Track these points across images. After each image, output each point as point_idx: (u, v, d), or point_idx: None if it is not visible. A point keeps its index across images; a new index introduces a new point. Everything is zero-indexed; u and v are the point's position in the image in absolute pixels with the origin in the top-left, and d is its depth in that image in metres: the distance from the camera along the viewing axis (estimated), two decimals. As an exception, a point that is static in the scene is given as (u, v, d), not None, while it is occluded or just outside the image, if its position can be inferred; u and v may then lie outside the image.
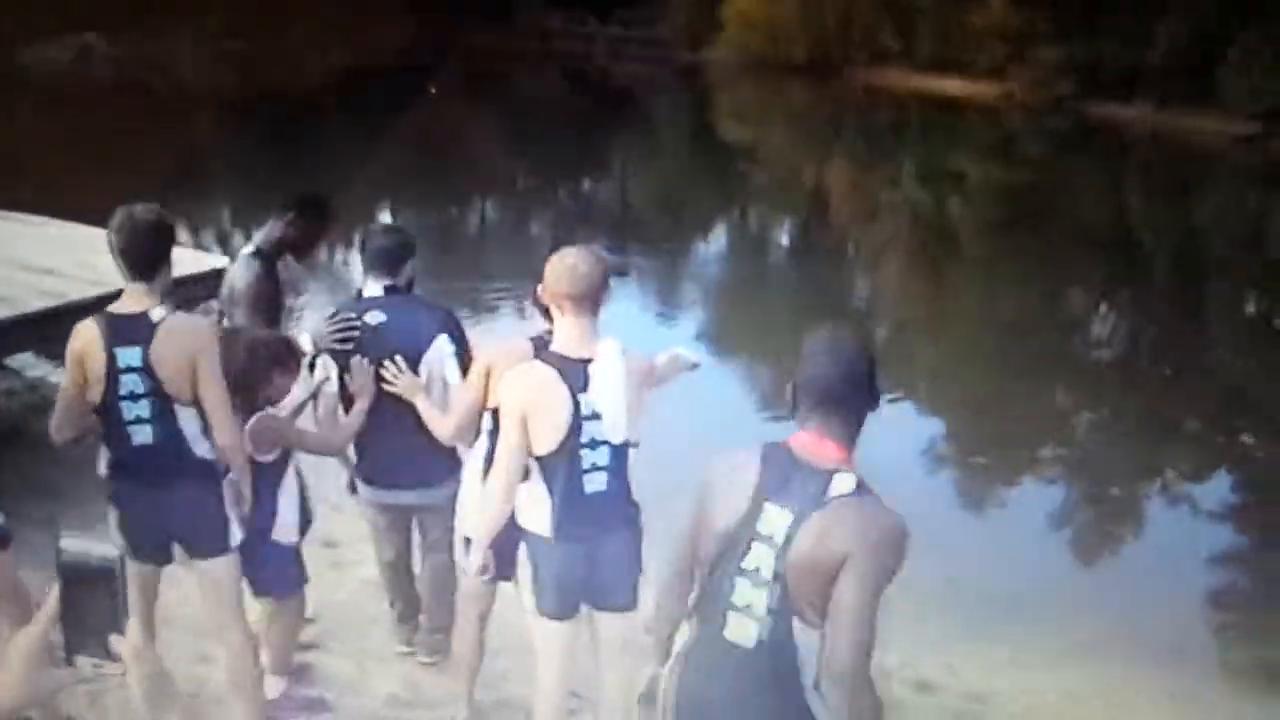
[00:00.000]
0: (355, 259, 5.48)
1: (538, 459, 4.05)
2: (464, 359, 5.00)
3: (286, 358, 4.77)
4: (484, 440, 4.64)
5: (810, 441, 3.07)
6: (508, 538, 4.29)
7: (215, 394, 4.39)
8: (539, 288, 4.40)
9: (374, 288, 5.04)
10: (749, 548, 3.04)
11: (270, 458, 4.77)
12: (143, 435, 4.37)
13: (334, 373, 5.11)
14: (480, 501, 4.40)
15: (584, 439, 4.00)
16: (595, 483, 4.08)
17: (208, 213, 19.73)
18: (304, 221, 5.55)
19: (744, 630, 3.07)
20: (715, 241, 19.34)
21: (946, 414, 10.80)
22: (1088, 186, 24.76)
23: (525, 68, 48.55)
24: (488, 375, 4.50)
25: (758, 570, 3.02)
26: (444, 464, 5.15)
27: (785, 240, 19.83)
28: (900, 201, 22.00)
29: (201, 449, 4.47)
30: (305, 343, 5.00)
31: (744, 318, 14.46)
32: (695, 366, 4.80)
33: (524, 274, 14.82)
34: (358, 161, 21.36)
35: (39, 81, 37.42)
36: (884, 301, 15.64)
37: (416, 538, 5.64)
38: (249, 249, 5.45)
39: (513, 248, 18.05)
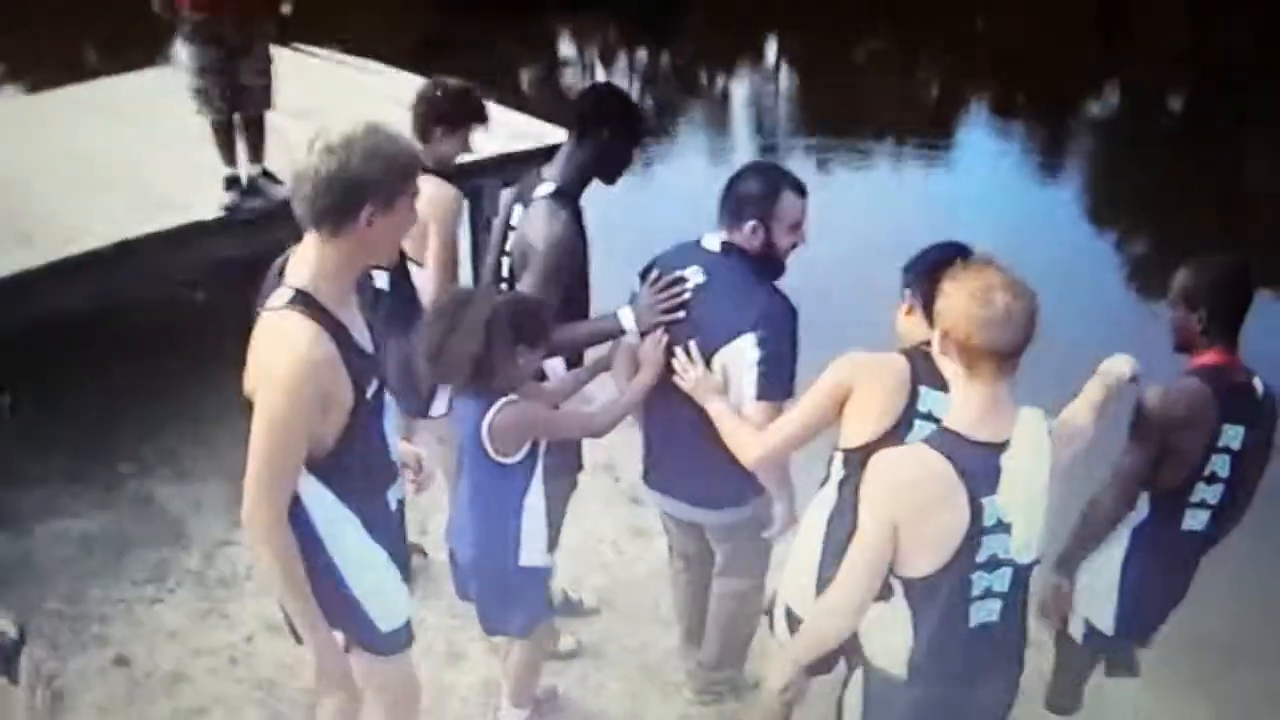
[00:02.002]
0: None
1: (905, 580, 2.96)
2: (779, 373, 3.80)
3: (534, 333, 3.68)
4: (830, 491, 3.58)
5: (1229, 361, 3.72)
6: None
7: (435, 262, 4.64)
8: (908, 303, 3.58)
9: (711, 239, 3.97)
10: (1210, 459, 3.71)
11: (514, 458, 3.74)
12: (382, 281, 4.44)
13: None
14: (814, 603, 3.32)
15: (981, 558, 2.88)
16: (985, 612, 2.97)
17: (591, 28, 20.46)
18: (626, 138, 4.23)
19: (1199, 519, 3.83)
20: (1107, 102, 18.68)
21: None
22: None
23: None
24: (844, 397, 3.45)
25: (1214, 474, 3.75)
26: (744, 484, 4.03)
27: (1181, 104, 19.02)
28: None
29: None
30: (626, 320, 4.03)
31: (1126, 189, 14.00)
32: (1135, 380, 3.71)
33: (907, 120, 15.10)
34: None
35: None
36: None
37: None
38: (546, 188, 4.17)
39: (898, 90, 17.76)
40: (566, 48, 19.26)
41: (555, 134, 7.94)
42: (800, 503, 3.92)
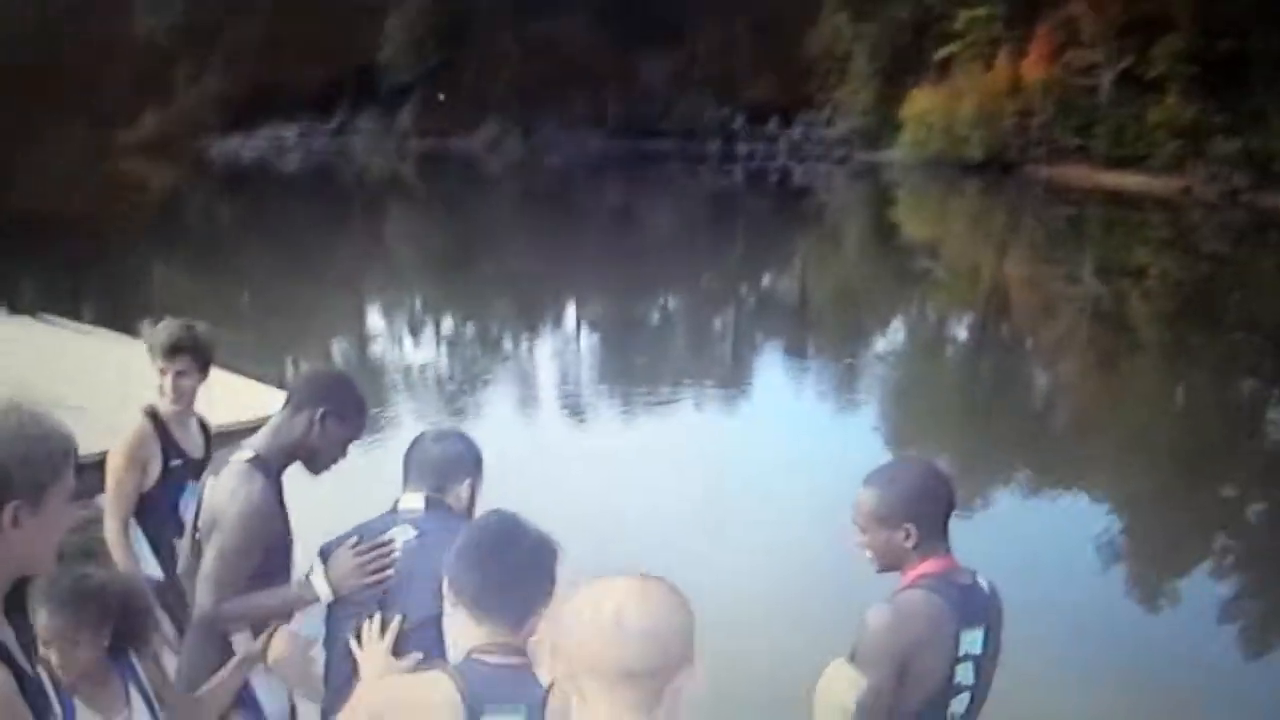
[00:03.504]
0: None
1: None
2: None
3: (134, 614, 3.11)
4: None
5: (950, 565, 3.28)
6: None
7: (107, 502, 4.55)
8: (527, 630, 2.80)
9: (412, 499, 3.62)
10: (954, 671, 3.24)
11: None
12: None
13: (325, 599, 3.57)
14: None
15: None
16: None
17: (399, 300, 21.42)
18: (338, 422, 3.87)
19: None
20: (894, 336, 19.79)
21: (1120, 507, 10.96)
22: (1265, 279, 24.70)
23: (709, 168, 49.96)
24: None
25: (959, 685, 3.25)
26: None
27: (964, 334, 20.26)
28: (1079, 296, 22.27)
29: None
30: (320, 588, 3.55)
31: (922, 410, 14.80)
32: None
33: (705, 368, 15.87)
34: (544, 255, 22.62)
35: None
36: (1061, 394, 15.95)
37: None
38: (243, 454, 3.79)
39: (694, 340, 18.86)
40: (375, 319, 19.74)
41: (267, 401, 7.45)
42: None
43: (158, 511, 4.63)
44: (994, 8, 50.99)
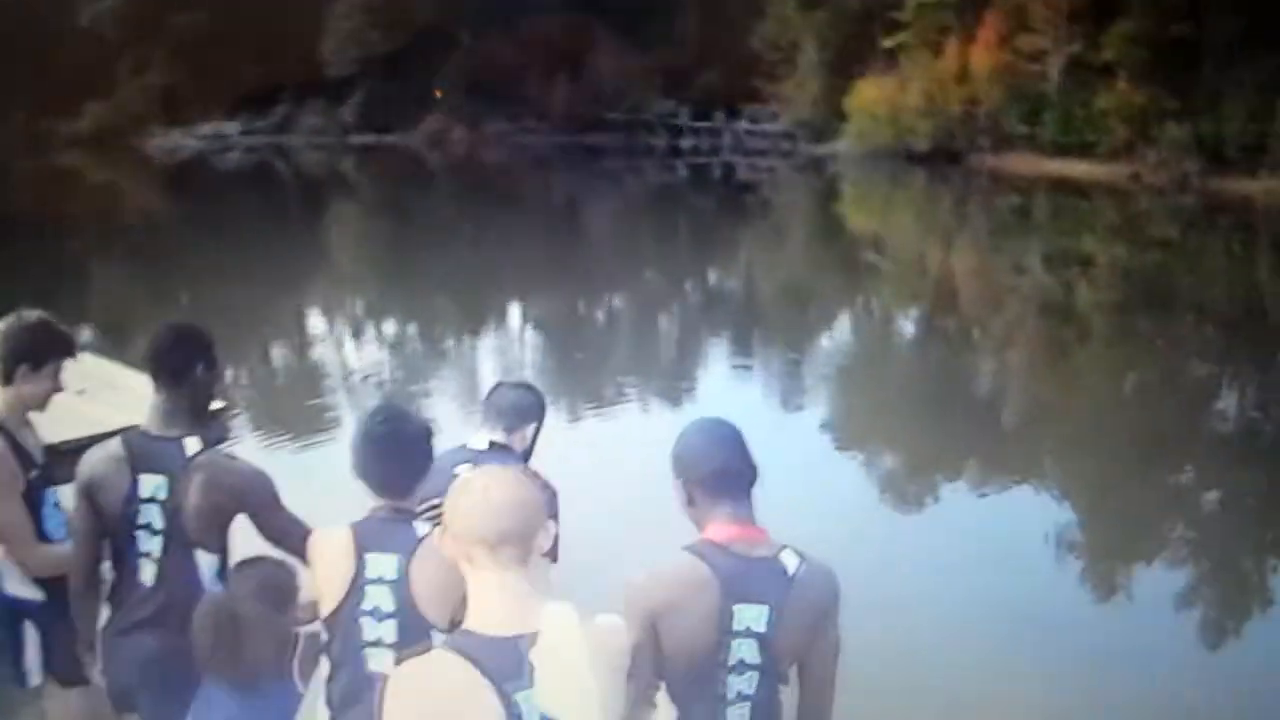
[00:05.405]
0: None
1: None
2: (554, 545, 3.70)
3: (291, 599, 3.72)
4: None
5: (740, 534, 3.18)
6: None
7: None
8: (413, 496, 3.61)
9: (479, 440, 4.32)
10: (729, 647, 3.14)
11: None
12: None
13: None
14: None
15: None
16: None
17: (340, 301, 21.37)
18: (210, 362, 4.01)
19: (741, 714, 3.20)
20: (840, 331, 19.70)
21: (1073, 497, 10.80)
22: (1215, 264, 24.83)
23: (654, 163, 49.90)
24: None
25: (741, 661, 3.15)
26: None
27: (911, 328, 20.18)
28: (1027, 286, 22.25)
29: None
30: None
31: (869, 407, 14.63)
32: None
33: (649, 367, 15.65)
34: (486, 253, 22.51)
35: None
36: (1010, 386, 15.85)
37: None
38: (191, 445, 3.86)
39: (639, 341, 18.65)
40: (316, 320, 19.47)
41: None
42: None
43: None
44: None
